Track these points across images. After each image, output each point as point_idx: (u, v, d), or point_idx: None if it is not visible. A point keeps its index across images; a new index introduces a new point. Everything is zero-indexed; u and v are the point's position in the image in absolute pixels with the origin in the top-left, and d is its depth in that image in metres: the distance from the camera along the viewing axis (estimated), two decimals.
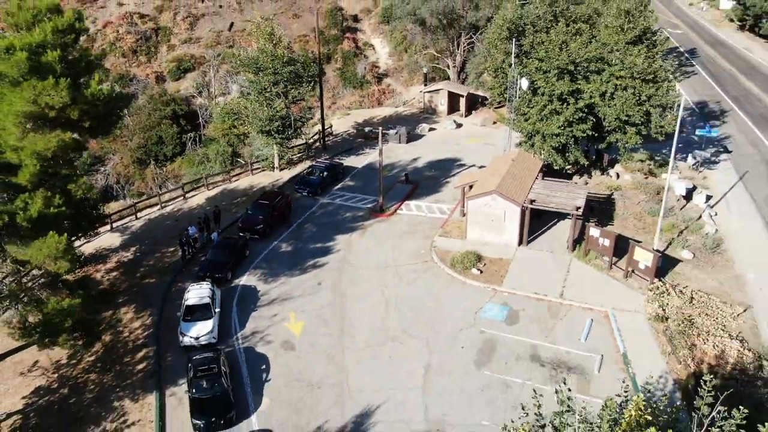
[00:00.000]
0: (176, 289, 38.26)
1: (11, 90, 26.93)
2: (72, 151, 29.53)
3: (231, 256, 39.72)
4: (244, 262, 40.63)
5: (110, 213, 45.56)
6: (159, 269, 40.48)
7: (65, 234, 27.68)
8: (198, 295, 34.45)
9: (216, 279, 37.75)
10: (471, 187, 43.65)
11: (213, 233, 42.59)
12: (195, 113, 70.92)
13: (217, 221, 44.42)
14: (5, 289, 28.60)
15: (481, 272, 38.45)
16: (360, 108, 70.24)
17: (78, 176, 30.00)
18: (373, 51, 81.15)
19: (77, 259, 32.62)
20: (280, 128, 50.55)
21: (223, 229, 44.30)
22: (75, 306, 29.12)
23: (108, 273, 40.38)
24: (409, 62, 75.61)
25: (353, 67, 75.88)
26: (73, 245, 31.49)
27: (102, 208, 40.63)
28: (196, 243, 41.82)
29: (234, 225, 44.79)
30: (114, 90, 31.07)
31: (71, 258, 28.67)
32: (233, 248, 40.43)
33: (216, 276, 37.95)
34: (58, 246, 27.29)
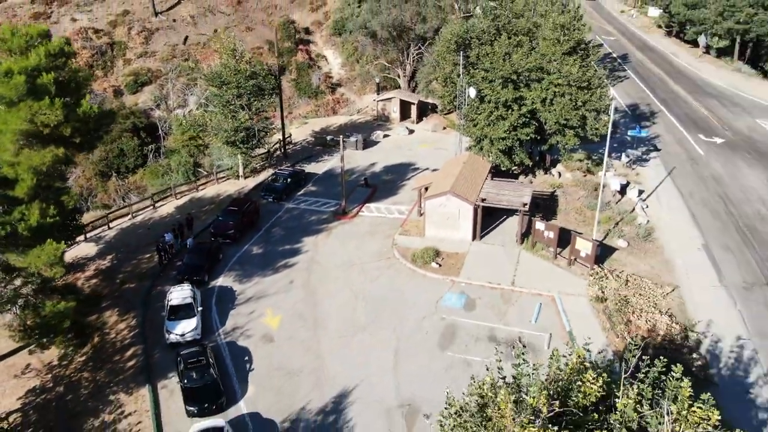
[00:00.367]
0: (156, 292, 40.70)
1: (8, 110, 29.23)
2: (63, 165, 31.88)
3: (206, 260, 42.34)
4: (219, 265, 43.27)
5: (85, 224, 47.46)
6: (138, 275, 42.80)
7: (62, 242, 30.11)
8: (180, 296, 37.04)
9: (194, 281, 40.29)
10: (427, 189, 47.26)
11: (188, 239, 45.04)
12: (155, 125, 72.79)
13: (190, 228, 46.91)
14: (5, 295, 30.70)
15: (440, 266, 42.07)
16: (316, 117, 73.36)
17: (69, 188, 32.28)
18: (326, 62, 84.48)
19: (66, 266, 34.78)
20: (245, 139, 53.30)
21: (196, 235, 46.75)
22: (70, 308, 31.54)
23: (88, 280, 42.47)
24: (361, 72, 79.16)
25: (308, 78, 78.99)
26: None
27: (79, 219, 42.74)
28: (172, 249, 44.23)
29: (206, 231, 47.33)
30: (102, 107, 33.53)
31: (64, 264, 31.13)
32: (208, 252, 43.06)
33: (194, 278, 40.49)
34: (56, 253, 29.71)
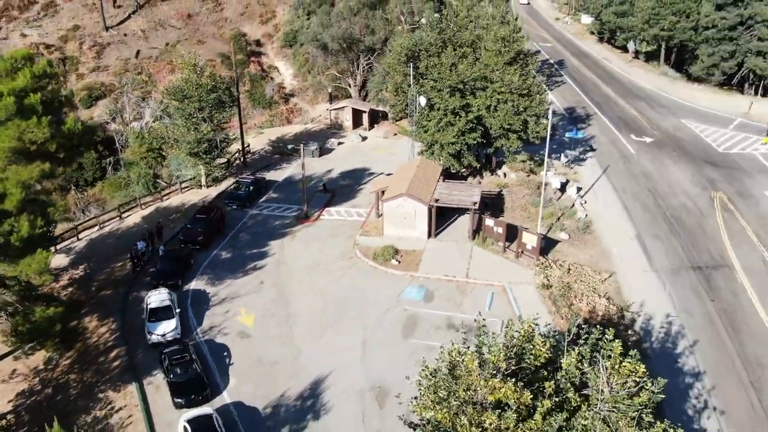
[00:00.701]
0: (133, 298, 42.83)
1: None
2: (47, 179, 33.97)
3: (179, 265, 44.65)
4: (190, 270, 45.60)
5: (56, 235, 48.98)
6: (112, 282, 44.78)
7: (50, 251, 32.24)
8: (159, 299, 39.37)
9: (168, 286, 42.54)
10: (383, 192, 50.58)
11: (159, 246, 47.19)
12: (111, 139, 74.01)
13: (160, 236, 49.02)
14: None
15: (399, 262, 45.43)
16: (271, 127, 75.87)
17: (54, 201, 34.37)
18: (278, 73, 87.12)
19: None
20: (207, 149, 55.65)
21: (166, 243, 48.87)
22: (59, 313, 33.69)
23: (64, 289, 44.26)
24: (313, 82, 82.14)
25: (261, 89, 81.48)
26: None
27: (53, 230, 44.39)
28: (144, 256, 46.32)
29: (175, 238, 49.53)
30: (85, 124, 35.72)
31: (50, 272, 33.26)
32: (179, 258, 45.38)
33: (168, 283, 42.74)
34: (46, 261, 31.89)
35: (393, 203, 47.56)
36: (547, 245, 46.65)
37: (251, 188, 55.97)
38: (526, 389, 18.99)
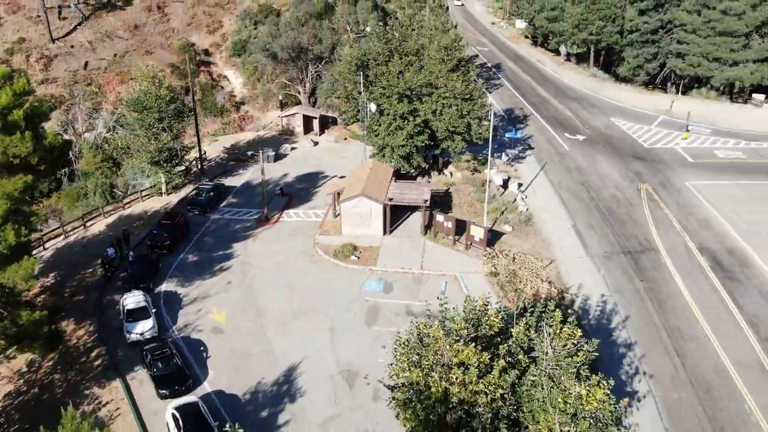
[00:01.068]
0: (107, 301, 44.92)
1: None
2: (29, 191, 35.99)
3: (149, 269, 46.91)
4: (160, 274, 47.88)
5: None
6: (84, 287, 46.69)
7: (35, 258, 34.36)
8: (135, 301, 41.71)
9: (140, 289, 44.75)
10: (339, 194, 53.89)
11: (129, 252, 49.26)
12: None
13: (127, 242, 51.04)
14: None
15: (359, 258, 48.83)
16: (225, 134, 78.15)
17: (36, 211, 36.40)
18: (228, 82, 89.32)
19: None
20: (168, 158, 57.83)
21: (133, 248, 50.90)
22: (44, 317, 35.76)
23: (37, 296, 45.87)
24: (263, 90, 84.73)
25: (212, 98, 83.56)
26: None
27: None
28: (114, 262, 48.34)
29: (142, 244, 51.61)
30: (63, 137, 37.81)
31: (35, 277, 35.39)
32: (149, 263, 47.64)
33: (140, 287, 44.96)
34: (33, 267, 34.04)
35: (350, 203, 50.88)
36: (493, 237, 50.80)
37: (212, 194, 58.40)
38: (485, 352, 22.70)
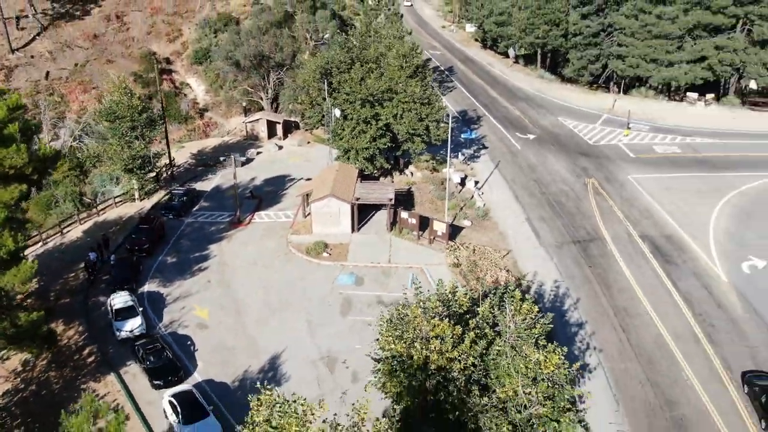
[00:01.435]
0: (92, 303, 47.22)
1: None
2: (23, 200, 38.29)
3: (131, 271, 49.34)
4: (141, 275, 50.31)
5: None
6: (69, 291, 48.82)
7: (34, 261, 36.74)
8: (122, 301, 44.23)
9: (124, 290, 47.16)
10: (308, 195, 57.09)
11: (109, 256, 51.51)
12: None
13: (107, 246, 53.22)
14: None
15: (330, 254, 52.15)
16: (190, 141, 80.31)
17: (29, 218, 38.67)
18: (191, 89, 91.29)
19: None
20: (141, 165, 60.10)
21: (113, 252, 53.13)
22: (41, 318, 38.08)
23: (23, 300, 47.72)
24: (226, 97, 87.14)
25: (176, 105, 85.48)
26: None
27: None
28: (95, 266, 50.54)
29: (121, 247, 53.85)
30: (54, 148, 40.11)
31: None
32: (130, 265, 50.04)
33: (125, 288, 47.36)
34: (31, 271, 36.38)
35: (320, 203, 54.13)
36: (454, 231, 54.75)
37: (184, 198, 60.87)
38: (457, 326, 26.39)
